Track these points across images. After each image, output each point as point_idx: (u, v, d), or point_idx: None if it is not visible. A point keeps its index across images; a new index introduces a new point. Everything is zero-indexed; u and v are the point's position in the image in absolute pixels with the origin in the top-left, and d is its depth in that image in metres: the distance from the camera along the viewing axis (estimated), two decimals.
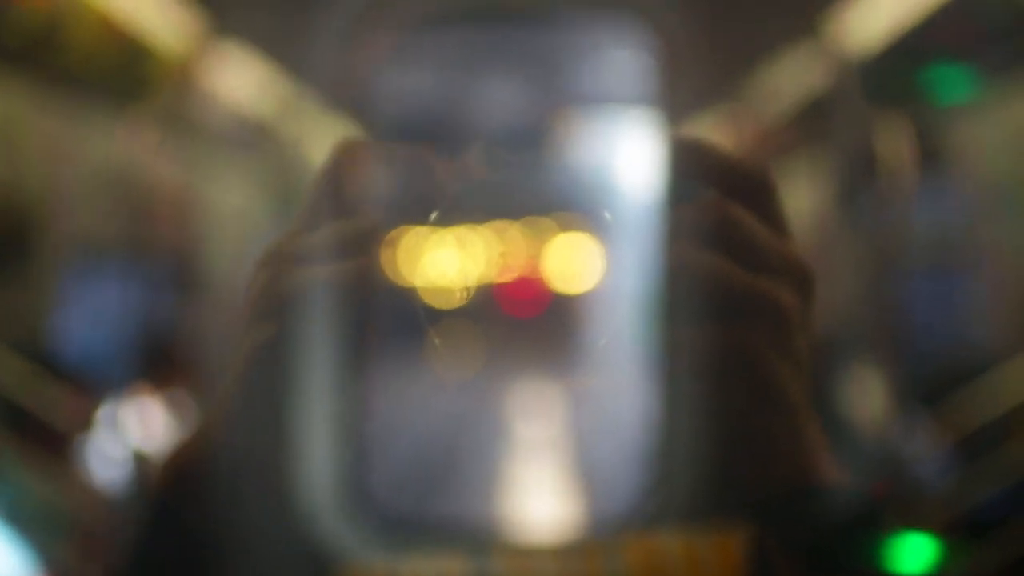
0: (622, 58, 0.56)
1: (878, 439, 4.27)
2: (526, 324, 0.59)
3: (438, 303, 0.58)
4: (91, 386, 4.02)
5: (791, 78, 5.85)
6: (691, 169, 0.55)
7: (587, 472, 0.62)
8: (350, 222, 0.55)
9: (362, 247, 0.54)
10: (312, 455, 0.53)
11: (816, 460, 0.57)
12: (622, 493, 0.55)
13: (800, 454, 0.57)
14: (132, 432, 4.25)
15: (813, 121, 5.65)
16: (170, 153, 5.42)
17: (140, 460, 4.11)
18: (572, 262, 0.58)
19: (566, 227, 0.58)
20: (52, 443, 3.57)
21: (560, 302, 0.59)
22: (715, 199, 0.55)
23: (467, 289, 0.58)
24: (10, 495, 3.15)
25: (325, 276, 0.53)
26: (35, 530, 3.12)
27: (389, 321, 0.57)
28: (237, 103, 5.97)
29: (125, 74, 4.48)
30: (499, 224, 0.58)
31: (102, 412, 4.10)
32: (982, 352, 4.45)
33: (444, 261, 0.58)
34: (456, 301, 0.58)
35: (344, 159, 0.56)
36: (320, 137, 7.29)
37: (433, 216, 0.57)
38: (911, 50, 4.33)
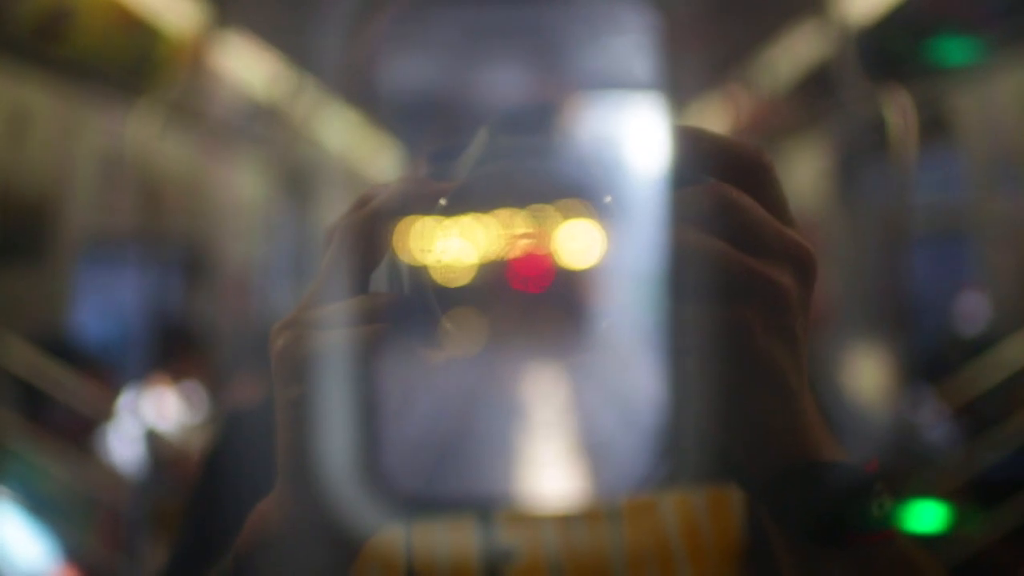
0: (625, 40, 0.57)
1: (883, 412, 4.28)
2: (534, 299, 0.60)
3: (447, 280, 0.59)
4: (109, 374, 4.03)
5: (792, 51, 5.82)
6: (691, 154, 0.56)
7: (592, 444, 0.63)
8: (363, 298, 0.59)
9: (373, 317, 0.58)
10: (332, 438, 0.55)
11: (812, 437, 0.58)
12: (626, 464, 0.56)
13: (795, 431, 0.58)
14: (150, 419, 4.26)
15: (815, 94, 5.62)
16: (180, 140, 5.42)
17: (157, 445, 4.12)
18: (578, 244, 0.59)
19: (571, 214, 0.59)
20: (72, 431, 3.59)
21: (567, 276, 0.59)
22: (715, 183, 0.56)
23: (475, 266, 0.59)
24: (32, 484, 3.17)
25: (340, 341, 0.57)
26: (57, 518, 3.13)
27: (400, 301, 0.59)
28: (245, 90, 5.96)
29: (134, 62, 4.46)
30: (505, 212, 0.59)
31: (120, 399, 4.11)
32: (985, 322, 4.45)
33: (453, 238, 0.59)
34: (465, 278, 0.59)
35: (352, 231, 0.60)
36: (327, 123, 7.28)
37: (441, 204, 0.59)
38: (913, 19, 4.31)
